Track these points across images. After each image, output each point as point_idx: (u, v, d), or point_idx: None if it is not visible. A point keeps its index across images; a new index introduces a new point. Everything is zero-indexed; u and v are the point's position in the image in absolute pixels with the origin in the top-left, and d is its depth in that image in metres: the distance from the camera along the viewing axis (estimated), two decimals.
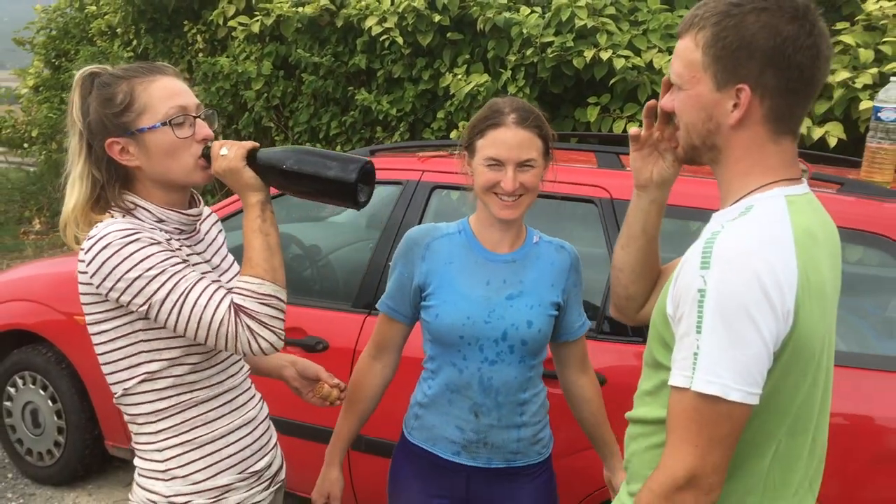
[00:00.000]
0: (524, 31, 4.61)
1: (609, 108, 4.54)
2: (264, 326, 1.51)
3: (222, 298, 1.50)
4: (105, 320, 1.55)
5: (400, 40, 5.03)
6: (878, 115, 2.51)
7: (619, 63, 4.31)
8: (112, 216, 1.57)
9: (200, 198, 1.73)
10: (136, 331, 1.55)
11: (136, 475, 1.68)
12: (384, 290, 2.01)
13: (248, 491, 1.71)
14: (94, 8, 7.94)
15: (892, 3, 4.08)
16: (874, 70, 3.87)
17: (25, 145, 8.97)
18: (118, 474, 3.83)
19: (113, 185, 1.58)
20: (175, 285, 1.48)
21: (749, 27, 1.22)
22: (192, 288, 1.50)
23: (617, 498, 1.49)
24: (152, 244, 1.49)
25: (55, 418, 3.61)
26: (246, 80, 6.06)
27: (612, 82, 4.41)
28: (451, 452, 1.91)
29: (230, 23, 5.90)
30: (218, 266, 1.72)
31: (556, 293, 1.89)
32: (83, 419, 3.54)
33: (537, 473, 1.95)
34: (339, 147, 5.65)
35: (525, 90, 4.68)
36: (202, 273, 1.59)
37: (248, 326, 1.50)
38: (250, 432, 1.72)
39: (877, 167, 2.53)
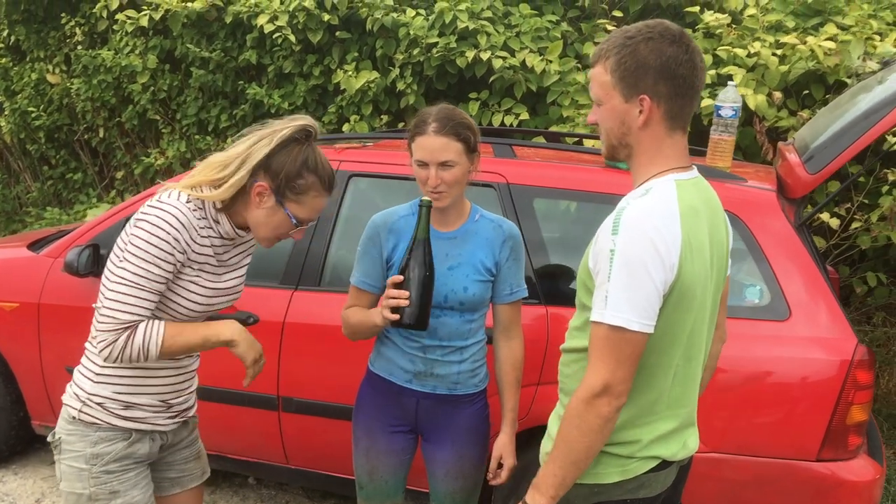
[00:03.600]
0: (411, 32, 5.02)
1: (488, 103, 5.03)
2: (119, 357, 1.89)
3: (137, 313, 1.87)
4: (119, 256, 1.91)
5: (292, 38, 5.30)
6: (719, 112, 3.08)
7: (497, 63, 4.80)
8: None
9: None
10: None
11: (75, 371, 2.06)
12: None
13: (153, 413, 2.06)
14: None
15: (726, 14, 4.78)
16: (712, 72, 4.53)
17: None
18: (41, 454, 3.98)
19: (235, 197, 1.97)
20: (136, 274, 1.86)
21: (641, 52, 1.65)
22: (137, 287, 1.86)
23: (554, 412, 1.87)
24: (173, 245, 1.87)
25: None
26: (130, 73, 6.14)
27: (491, 80, 4.90)
28: (404, 380, 2.34)
29: (118, 16, 5.95)
30: (229, 264, 2.10)
31: (489, 263, 2.32)
32: (8, 402, 3.68)
33: (474, 401, 2.39)
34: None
35: (413, 87, 5.09)
36: (207, 271, 2.00)
37: (115, 342, 1.87)
38: (176, 374, 2.11)
39: (718, 155, 3.11)
